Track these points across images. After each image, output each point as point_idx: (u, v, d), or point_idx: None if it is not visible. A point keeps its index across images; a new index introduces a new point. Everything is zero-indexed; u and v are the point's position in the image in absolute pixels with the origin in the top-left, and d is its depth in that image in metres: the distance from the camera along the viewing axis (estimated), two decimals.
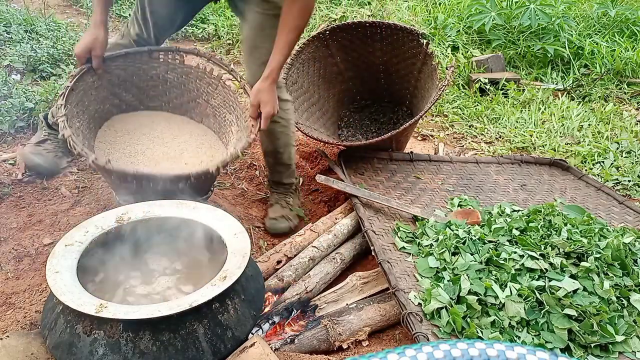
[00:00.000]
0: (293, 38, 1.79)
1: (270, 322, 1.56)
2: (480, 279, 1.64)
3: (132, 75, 2.03)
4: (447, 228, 1.94)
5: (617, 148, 3.11)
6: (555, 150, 3.08)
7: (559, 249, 1.75)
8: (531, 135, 3.24)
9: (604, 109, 3.56)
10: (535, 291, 1.58)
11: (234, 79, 2.04)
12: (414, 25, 4.24)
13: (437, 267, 1.75)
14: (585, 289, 1.60)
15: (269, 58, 1.92)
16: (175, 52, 2.05)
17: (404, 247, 1.89)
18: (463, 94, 3.79)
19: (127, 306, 1.19)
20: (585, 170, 2.89)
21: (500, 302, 1.55)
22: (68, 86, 1.76)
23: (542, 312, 1.54)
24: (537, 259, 1.71)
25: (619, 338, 1.47)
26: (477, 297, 1.56)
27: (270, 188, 2.34)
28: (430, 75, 2.57)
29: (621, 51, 4.12)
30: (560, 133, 3.28)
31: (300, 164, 2.73)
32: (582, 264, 1.68)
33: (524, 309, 1.53)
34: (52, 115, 2.17)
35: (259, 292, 1.46)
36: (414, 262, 1.81)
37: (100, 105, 1.98)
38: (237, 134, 1.96)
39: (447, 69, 2.47)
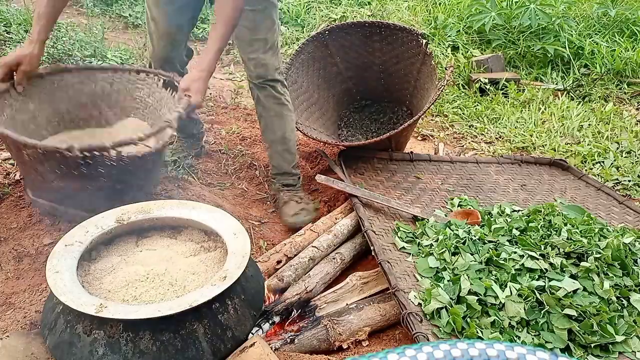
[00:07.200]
0: (230, 30, 1.74)
1: (270, 322, 1.56)
2: (480, 279, 1.64)
3: (69, 90, 1.95)
4: (447, 228, 1.94)
5: (617, 148, 3.10)
6: (555, 150, 3.07)
7: (559, 249, 1.75)
8: (531, 135, 3.24)
9: (604, 109, 3.56)
10: (535, 291, 1.58)
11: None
12: (413, 25, 4.24)
13: (437, 267, 1.75)
14: (585, 289, 1.60)
15: (266, 49, 1.95)
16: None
17: (404, 247, 1.89)
18: (463, 94, 3.79)
19: (127, 306, 1.19)
20: (585, 170, 2.89)
21: (500, 302, 1.55)
22: None
23: (542, 312, 1.54)
24: (537, 259, 1.71)
25: (619, 338, 1.47)
26: (477, 297, 1.56)
27: (278, 188, 2.31)
28: (429, 75, 2.57)
29: (621, 51, 4.12)
30: (560, 133, 3.28)
31: (300, 164, 2.72)
32: (582, 264, 1.68)
33: (524, 309, 1.53)
34: None
35: (259, 292, 1.46)
36: (414, 262, 1.81)
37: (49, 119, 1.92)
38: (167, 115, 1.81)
39: (446, 69, 2.47)
